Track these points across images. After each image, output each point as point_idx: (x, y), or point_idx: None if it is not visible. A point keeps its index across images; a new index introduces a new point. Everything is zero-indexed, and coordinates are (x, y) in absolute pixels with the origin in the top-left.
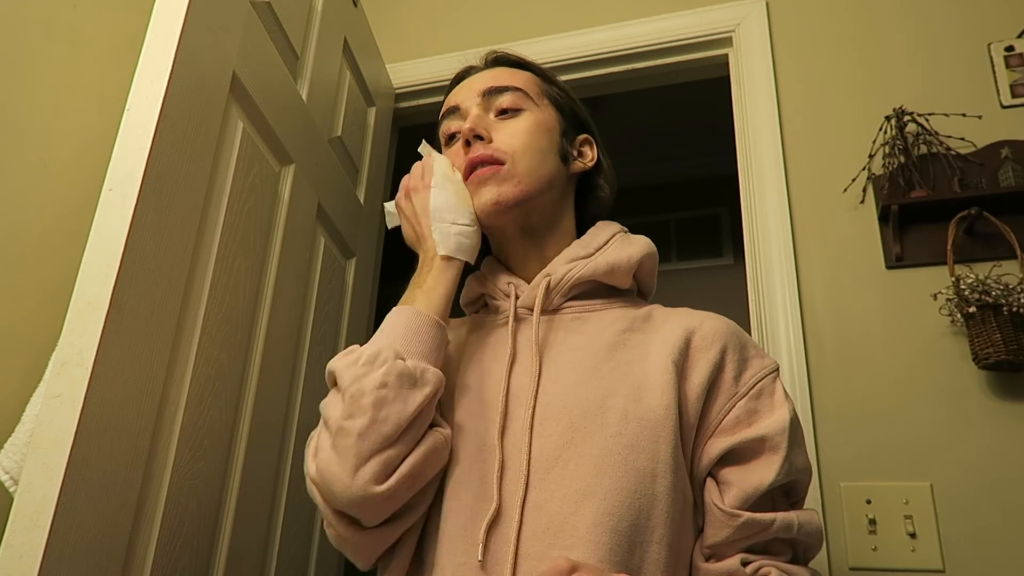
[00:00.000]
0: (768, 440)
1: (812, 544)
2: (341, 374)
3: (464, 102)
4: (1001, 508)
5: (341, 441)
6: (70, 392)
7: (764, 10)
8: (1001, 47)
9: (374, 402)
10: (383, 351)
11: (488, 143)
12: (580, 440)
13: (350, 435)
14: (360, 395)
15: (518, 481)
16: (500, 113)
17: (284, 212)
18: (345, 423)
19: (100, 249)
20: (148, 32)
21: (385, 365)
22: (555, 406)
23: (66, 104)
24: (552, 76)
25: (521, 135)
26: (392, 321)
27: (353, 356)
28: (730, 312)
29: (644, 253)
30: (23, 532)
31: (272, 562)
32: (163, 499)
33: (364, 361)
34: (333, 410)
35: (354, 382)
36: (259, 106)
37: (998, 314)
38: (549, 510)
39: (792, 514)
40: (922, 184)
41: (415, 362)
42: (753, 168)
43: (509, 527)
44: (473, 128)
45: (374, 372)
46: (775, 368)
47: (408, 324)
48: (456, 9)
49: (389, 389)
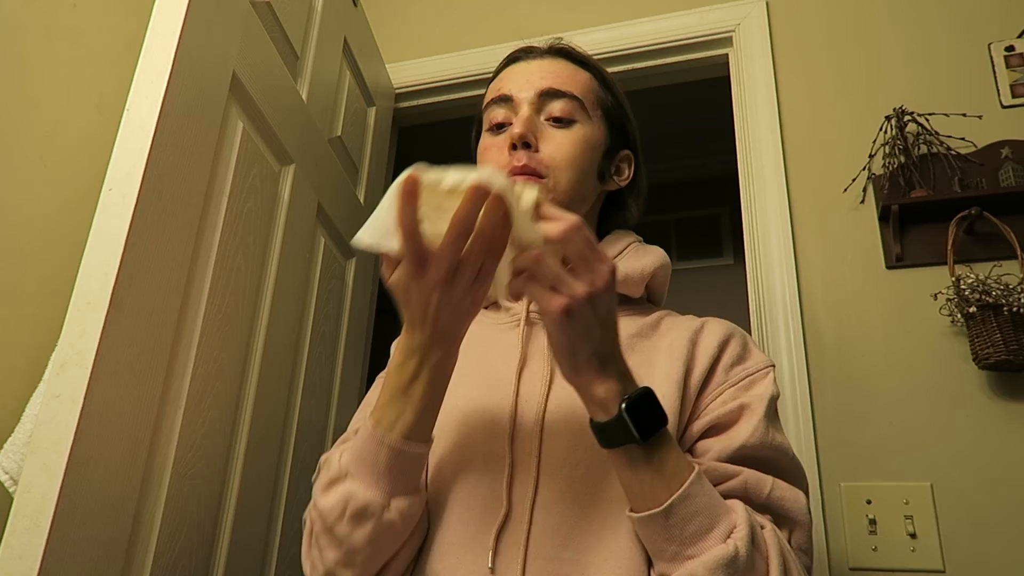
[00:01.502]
0: (745, 407)
1: (796, 520)
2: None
3: (519, 93)
4: (1001, 508)
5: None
6: (70, 392)
7: (764, 10)
8: (1001, 47)
9: (365, 558)
10: (370, 505)
11: (534, 152)
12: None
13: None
14: (352, 552)
15: (528, 483)
16: (551, 119)
17: (284, 212)
18: (339, 570)
19: (100, 249)
20: (148, 32)
21: (371, 522)
22: (565, 410)
23: (66, 104)
24: (611, 82)
25: (567, 149)
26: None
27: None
28: (730, 312)
29: (658, 264)
30: (23, 532)
31: (272, 562)
32: (163, 499)
33: (350, 516)
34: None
35: (345, 539)
36: (259, 106)
37: (998, 314)
38: (559, 510)
39: (768, 476)
40: (922, 184)
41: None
42: (753, 168)
43: (519, 529)
44: (523, 135)
45: (361, 529)
46: (770, 365)
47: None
48: (456, 9)
49: (378, 545)
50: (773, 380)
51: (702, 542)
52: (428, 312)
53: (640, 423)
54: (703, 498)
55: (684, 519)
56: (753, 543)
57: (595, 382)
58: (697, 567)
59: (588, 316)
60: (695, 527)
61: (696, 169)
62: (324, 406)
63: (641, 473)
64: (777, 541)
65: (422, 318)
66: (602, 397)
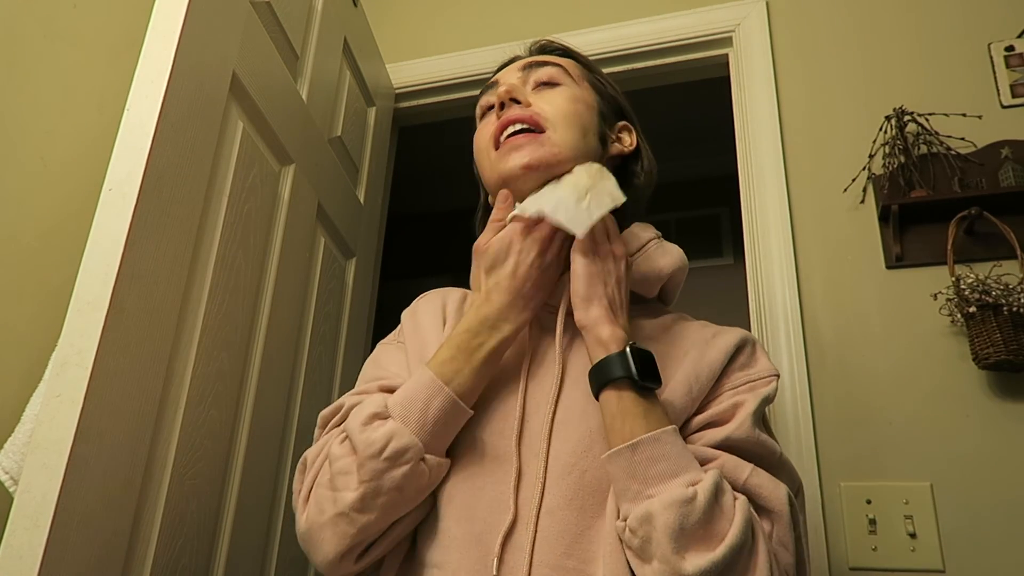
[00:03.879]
0: (738, 405)
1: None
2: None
3: (503, 77)
4: (1001, 508)
5: (343, 525)
6: (70, 392)
7: (764, 10)
8: (1001, 47)
9: (386, 504)
10: (410, 449)
11: (527, 107)
12: (599, 450)
13: (354, 525)
14: (376, 493)
15: (534, 487)
16: (538, 86)
17: (284, 212)
18: (354, 514)
19: (100, 249)
20: (148, 32)
21: (407, 467)
22: (575, 411)
23: (66, 104)
24: (595, 66)
25: (561, 103)
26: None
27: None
28: (730, 312)
29: (676, 266)
30: (23, 532)
31: (272, 562)
32: (163, 499)
33: (387, 456)
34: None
35: (373, 478)
36: (259, 106)
37: (998, 314)
38: (564, 518)
39: (747, 463)
40: (922, 184)
41: (434, 460)
42: (753, 168)
43: (524, 534)
44: (510, 91)
45: (394, 471)
46: (774, 374)
47: (440, 415)
48: (456, 9)
49: (404, 493)
50: (774, 388)
51: (663, 483)
52: (519, 272)
53: (638, 366)
54: (673, 447)
55: (650, 459)
56: (716, 498)
57: (604, 322)
58: (653, 503)
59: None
60: (659, 469)
61: (696, 169)
62: (324, 406)
63: (625, 409)
64: (748, 513)
65: (510, 279)
66: (607, 336)
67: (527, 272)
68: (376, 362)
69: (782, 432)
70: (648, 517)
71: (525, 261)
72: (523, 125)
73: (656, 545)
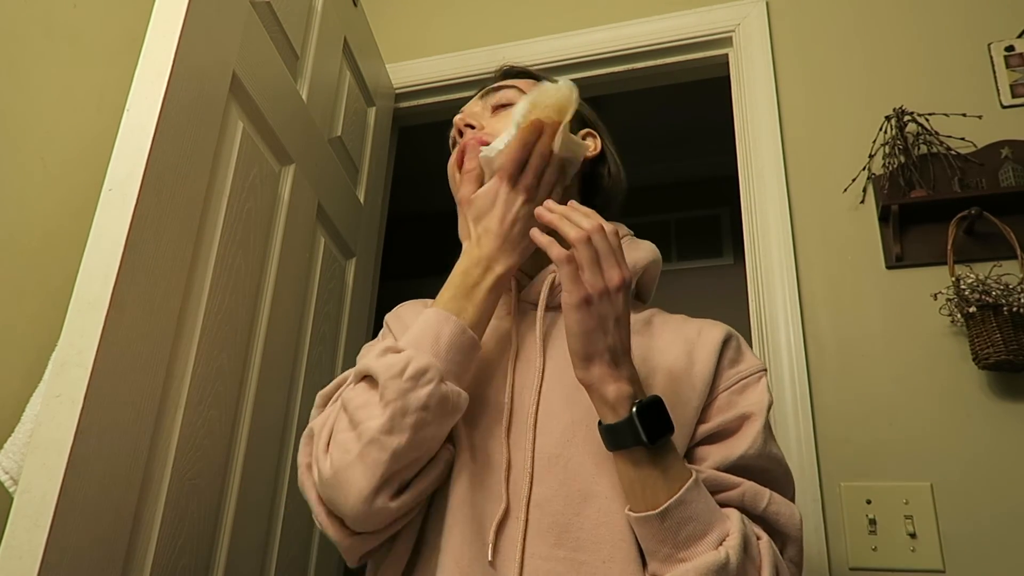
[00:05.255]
0: (745, 417)
1: (789, 535)
2: (381, 377)
3: (466, 107)
4: (1001, 508)
5: (374, 454)
6: (70, 392)
7: (764, 10)
8: (1001, 47)
9: (415, 423)
10: (430, 369)
11: (479, 130)
12: (581, 439)
13: (385, 450)
14: (404, 412)
15: (523, 480)
16: (496, 109)
17: (284, 212)
18: (383, 438)
19: (100, 249)
20: (148, 32)
21: (430, 386)
22: (558, 403)
23: (66, 104)
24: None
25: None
26: (437, 329)
27: (395, 361)
28: (730, 312)
29: (649, 260)
30: (23, 532)
31: (272, 562)
32: (163, 499)
33: (410, 375)
34: (369, 417)
35: (399, 397)
36: (259, 106)
37: (998, 314)
38: (552, 509)
39: (765, 489)
40: (922, 184)
41: (453, 387)
42: (753, 168)
43: (516, 526)
44: (464, 118)
45: (419, 390)
46: (762, 369)
47: (453, 341)
48: (456, 9)
49: (430, 412)
50: (767, 386)
51: (695, 547)
52: (506, 219)
53: (648, 427)
54: (699, 504)
55: (679, 523)
56: (746, 551)
57: (607, 381)
58: (688, 570)
59: (606, 308)
60: (688, 531)
61: (696, 169)
62: None
63: (644, 475)
64: (772, 553)
65: (497, 226)
66: (613, 398)
67: (514, 218)
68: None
69: (782, 432)
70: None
71: (512, 208)
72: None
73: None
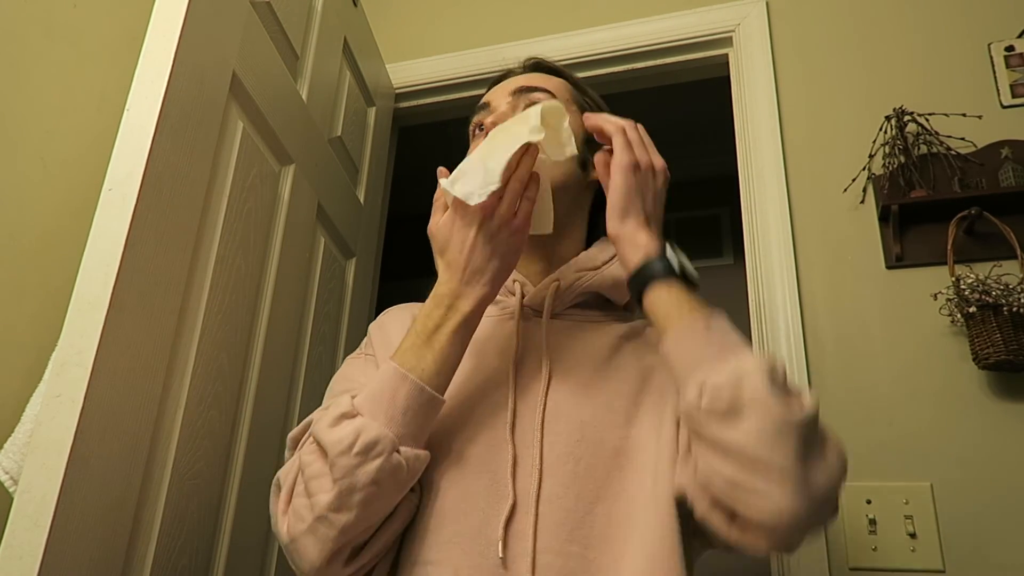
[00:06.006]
0: None
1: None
2: (330, 453)
3: (494, 100)
4: (1001, 508)
5: (323, 529)
6: (70, 392)
7: (764, 10)
8: (1001, 47)
9: (363, 500)
10: (380, 441)
11: None
12: (590, 439)
13: (334, 527)
14: (351, 490)
15: (532, 475)
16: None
17: (284, 212)
18: (331, 515)
19: (100, 249)
20: (148, 32)
21: (380, 459)
22: (565, 404)
23: (66, 104)
24: (587, 89)
25: None
26: (393, 390)
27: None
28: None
29: None
30: (23, 532)
31: (272, 562)
32: (163, 499)
33: (358, 450)
34: (320, 490)
35: (347, 475)
36: (259, 106)
37: (998, 314)
38: (563, 505)
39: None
40: (922, 184)
41: (409, 452)
42: (753, 168)
43: (525, 521)
44: (496, 122)
45: (368, 465)
46: None
47: (410, 403)
48: (456, 9)
49: (381, 487)
50: None
51: (742, 351)
52: (464, 248)
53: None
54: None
55: (722, 332)
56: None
57: (640, 231)
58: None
59: (648, 179)
60: (734, 339)
61: (696, 169)
62: None
63: (680, 299)
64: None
65: (457, 256)
66: (645, 242)
67: (472, 245)
68: (344, 376)
69: None
70: (740, 372)
71: (468, 236)
72: None
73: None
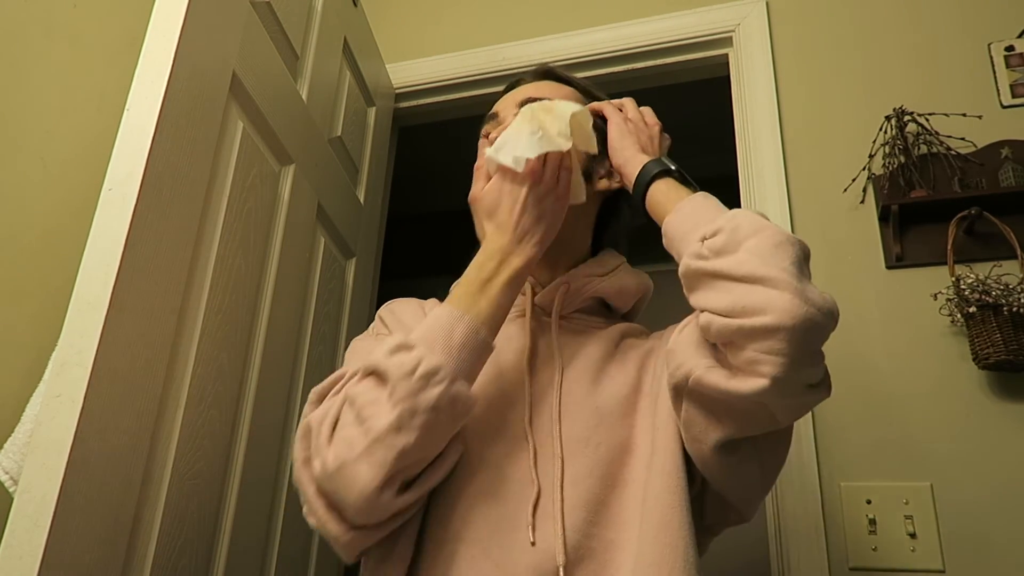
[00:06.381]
0: None
1: None
2: (391, 376)
3: (503, 110)
4: (1001, 508)
5: (380, 452)
6: (70, 392)
7: (764, 10)
8: (1001, 47)
9: (424, 424)
10: (442, 369)
11: None
12: (607, 425)
13: (392, 449)
14: (412, 413)
15: (553, 462)
16: None
17: (284, 212)
18: (391, 437)
19: (100, 249)
20: (148, 32)
21: (441, 386)
22: (579, 393)
23: (66, 104)
24: (597, 93)
25: None
26: (449, 327)
27: (406, 360)
28: None
29: (648, 286)
30: (23, 532)
31: (272, 562)
32: (163, 499)
33: (420, 375)
34: (376, 415)
35: (409, 396)
36: (259, 106)
37: (998, 314)
38: (585, 487)
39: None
40: (922, 184)
41: (464, 388)
42: (753, 168)
43: (551, 505)
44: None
45: (429, 391)
46: None
47: (466, 341)
48: (456, 9)
49: (441, 413)
50: None
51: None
52: (515, 211)
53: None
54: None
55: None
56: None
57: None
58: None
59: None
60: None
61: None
62: None
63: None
64: None
65: (508, 218)
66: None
67: (522, 207)
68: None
69: None
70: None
71: (518, 198)
72: None
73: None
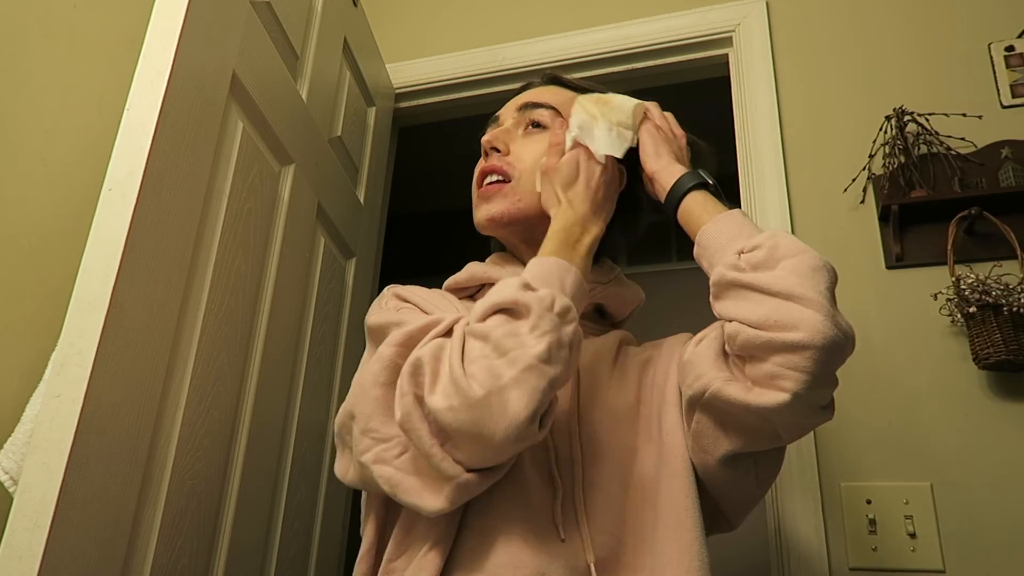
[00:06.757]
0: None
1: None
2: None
3: (503, 114)
4: (1001, 508)
5: (533, 380)
6: (70, 392)
7: (764, 10)
8: (1001, 47)
9: (567, 358)
10: (572, 309)
11: (504, 155)
12: (619, 429)
13: (544, 378)
14: (559, 344)
15: (573, 465)
16: (532, 126)
17: (284, 212)
18: (542, 366)
19: (100, 249)
20: (148, 32)
21: (574, 324)
22: (595, 399)
23: (66, 104)
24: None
25: (536, 153)
26: (561, 275)
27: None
28: None
29: (641, 297)
30: (23, 532)
31: (272, 562)
32: (163, 499)
33: (558, 311)
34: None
35: (553, 329)
36: (259, 106)
37: (998, 314)
38: (607, 488)
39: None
40: (922, 184)
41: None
42: (753, 168)
43: (577, 507)
44: (491, 140)
45: (567, 327)
46: None
47: (577, 287)
48: (456, 9)
49: (574, 351)
50: None
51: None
52: (591, 185)
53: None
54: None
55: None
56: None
57: (674, 164)
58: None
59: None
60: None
61: None
62: (324, 406)
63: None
64: None
65: (585, 189)
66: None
67: (597, 184)
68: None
69: None
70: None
71: (594, 176)
72: (496, 176)
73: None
